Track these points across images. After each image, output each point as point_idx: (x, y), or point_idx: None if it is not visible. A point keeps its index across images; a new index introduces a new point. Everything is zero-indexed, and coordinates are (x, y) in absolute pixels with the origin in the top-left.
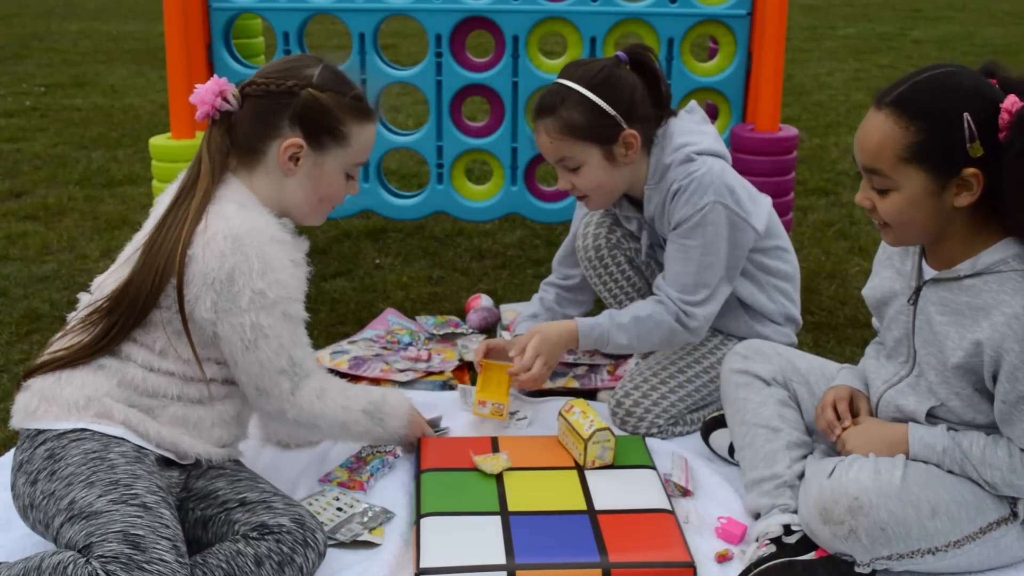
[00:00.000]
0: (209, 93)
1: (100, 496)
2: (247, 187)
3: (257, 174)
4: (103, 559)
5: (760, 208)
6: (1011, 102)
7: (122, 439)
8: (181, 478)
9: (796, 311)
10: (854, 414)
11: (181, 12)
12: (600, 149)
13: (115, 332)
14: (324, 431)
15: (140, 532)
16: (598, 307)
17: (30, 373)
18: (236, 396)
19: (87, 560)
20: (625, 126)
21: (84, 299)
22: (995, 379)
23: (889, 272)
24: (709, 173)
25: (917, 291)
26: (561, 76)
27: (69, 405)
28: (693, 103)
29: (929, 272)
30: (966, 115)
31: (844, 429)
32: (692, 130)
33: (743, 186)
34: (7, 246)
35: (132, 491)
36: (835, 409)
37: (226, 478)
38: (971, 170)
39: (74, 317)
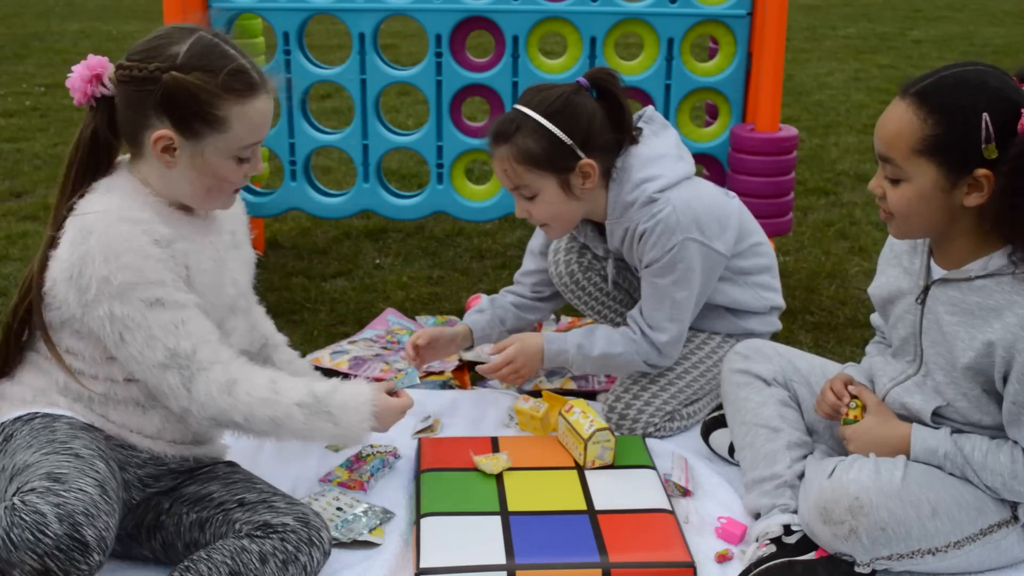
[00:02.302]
0: (80, 79)
1: (35, 452)
2: (133, 176)
3: (142, 164)
4: (21, 492)
5: (728, 222)
6: None
7: (70, 416)
8: (152, 460)
9: (778, 299)
10: (857, 399)
11: (181, 12)
12: (556, 178)
13: (10, 346)
14: (253, 430)
15: (64, 471)
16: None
17: None
18: None
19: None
20: (582, 155)
21: None
22: (1005, 380)
23: (896, 271)
24: (674, 212)
25: (926, 290)
26: (519, 101)
27: (17, 400)
28: (650, 109)
29: (938, 272)
30: (985, 115)
31: (845, 415)
32: (651, 158)
33: (709, 207)
34: (7, 246)
35: (67, 445)
36: (833, 391)
37: (219, 481)
38: (983, 171)
39: None
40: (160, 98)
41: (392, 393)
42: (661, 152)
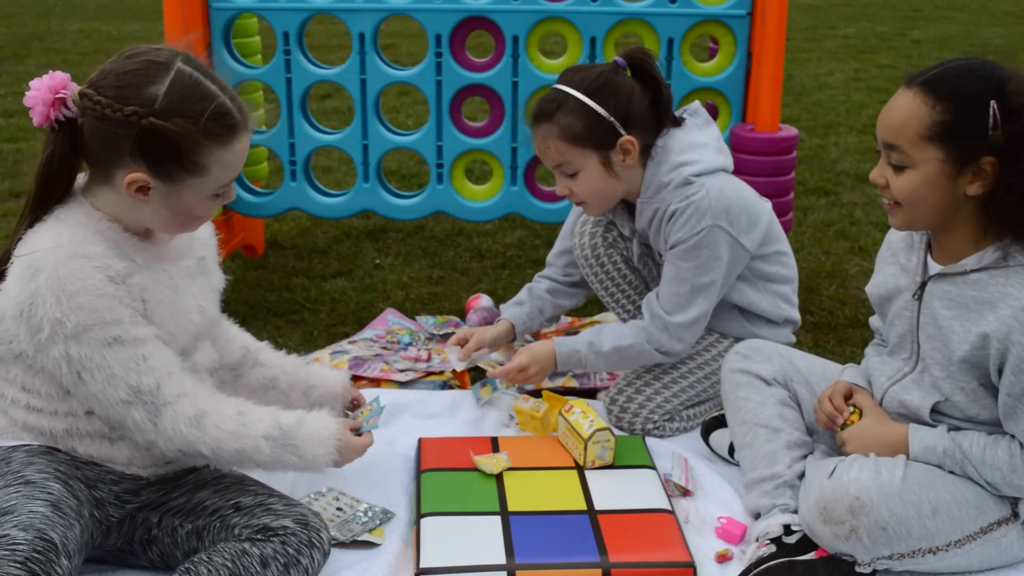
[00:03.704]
0: (41, 101)
1: None
2: (87, 200)
3: (105, 192)
4: None
5: (758, 221)
6: None
7: (31, 444)
8: (127, 476)
9: (795, 312)
10: (855, 406)
11: (181, 12)
12: (597, 155)
13: None
14: (219, 461)
15: (13, 502)
16: (592, 302)
17: None
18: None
19: None
20: (623, 132)
21: None
22: (1000, 372)
23: (893, 268)
24: (707, 196)
25: (922, 286)
26: (559, 81)
27: None
28: (696, 104)
29: (935, 267)
30: (992, 103)
31: (844, 421)
32: (693, 144)
33: (741, 201)
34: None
35: (20, 474)
36: (832, 403)
37: (210, 487)
38: (989, 158)
39: None
40: (137, 143)
41: (355, 431)
42: (703, 142)
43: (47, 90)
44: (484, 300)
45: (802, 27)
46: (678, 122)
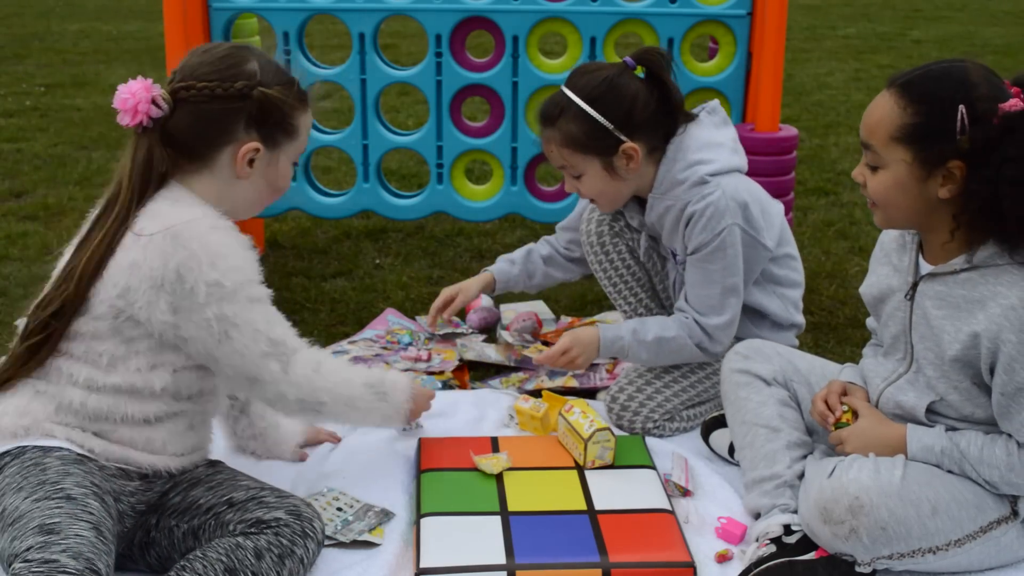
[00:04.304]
0: (144, 102)
1: (26, 498)
2: (186, 188)
3: (202, 177)
4: (17, 555)
5: (772, 221)
6: (1011, 103)
7: (64, 448)
8: (141, 488)
9: (800, 317)
10: (849, 406)
11: (181, 12)
12: (599, 160)
13: (31, 356)
14: (329, 409)
15: (57, 520)
16: (592, 302)
17: None
18: (186, 412)
19: (9, 565)
20: (624, 139)
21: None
22: (992, 371)
23: (886, 269)
24: (723, 196)
25: (914, 287)
26: (567, 82)
27: (7, 434)
28: (715, 103)
29: (926, 267)
30: (961, 107)
31: (836, 419)
32: (709, 143)
33: (757, 199)
34: (7, 246)
35: (58, 487)
36: (827, 403)
37: (203, 485)
38: (956, 162)
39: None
40: (254, 113)
41: None
42: (719, 141)
43: (143, 90)
44: (484, 300)
45: (802, 27)
46: (692, 118)
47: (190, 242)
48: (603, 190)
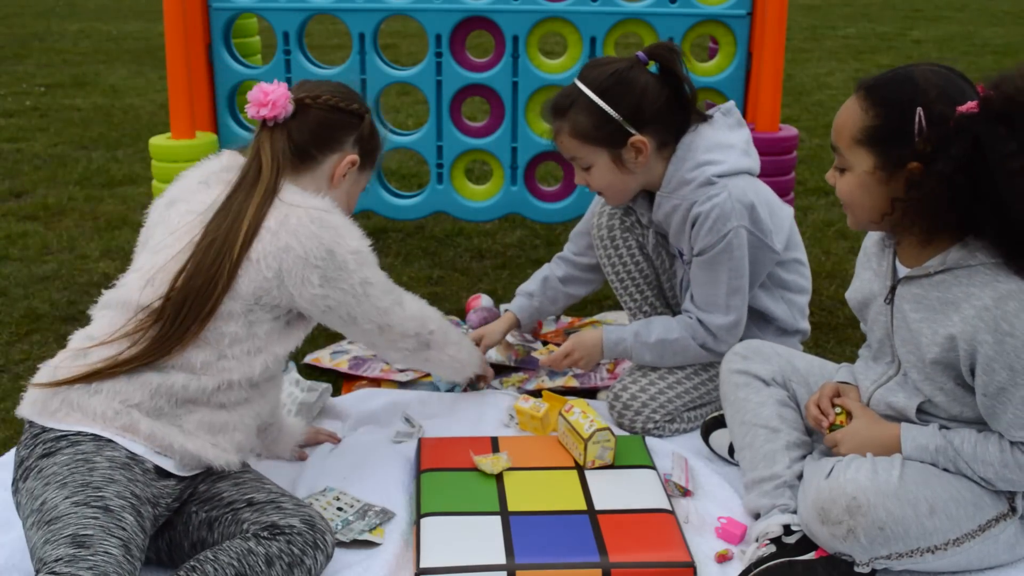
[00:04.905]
0: (283, 98)
1: (66, 498)
2: (294, 186)
3: (303, 178)
4: (46, 563)
5: (781, 225)
6: (968, 106)
7: (115, 443)
8: (178, 488)
9: (806, 324)
10: (842, 407)
11: (181, 12)
12: (608, 153)
13: (175, 336)
14: (436, 337)
15: (90, 532)
16: (592, 302)
17: (64, 382)
18: (255, 399)
19: (37, 571)
20: (633, 132)
21: (115, 297)
22: (973, 373)
23: (868, 274)
24: (729, 199)
25: (892, 290)
26: (579, 75)
27: (96, 415)
28: (731, 104)
29: (903, 271)
30: (919, 110)
31: (830, 423)
32: (719, 144)
33: (765, 201)
34: (7, 246)
35: (99, 493)
36: (819, 407)
37: (230, 480)
38: (915, 165)
39: (107, 321)
40: (364, 132)
41: None
42: (731, 142)
43: (283, 89)
44: (484, 300)
45: (802, 27)
46: (705, 119)
47: (335, 222)
48: (611, 182)
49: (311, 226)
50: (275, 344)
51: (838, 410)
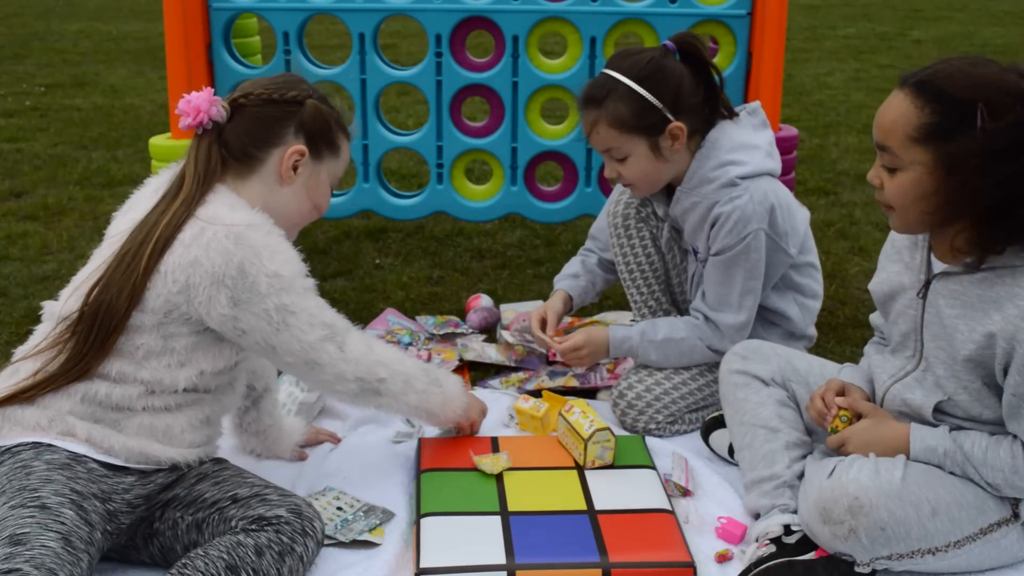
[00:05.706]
0: (205, 103)
1: (4, 504)
2: (236, 194)
3: (249, 182)
4: None
5: (797, 228)
6: None
7: (55, 447)
8: (142, 485)
9: (813, 330)
10: (848, 410)
11: (181, 12)
12: (646, 141)
13: (90, 351)
14: (389, 386)
15: (27, 530)
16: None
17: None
18: (205, 401)
19: None
20: (672, 118)
21: (49, 309)
22: (1005, 372)
23: (897, 266)
24: (751, 201)
25: (927, 284)
26: (608, 67)
27: (33, 425)
28: (756, 104)
29: (939, 266)
30: (980, 104)
31: (834, 415)
32: (744, 144)
33: (784, 204)
34: (7, 246)
35: (36, 494)
36: (823, 401)
37: (209, 480)
38: (974, 161)
39: (38, 332)
40: (304, 119)
41: None
42: (755, 143)
43: (207, 95)
44: (484, 300)
45: (802, 27)
46: (732, 114)
47: (251, 241)
48: (647, 172)
49: (225, 242)
50: (201, 359)
51: (843, 416)
